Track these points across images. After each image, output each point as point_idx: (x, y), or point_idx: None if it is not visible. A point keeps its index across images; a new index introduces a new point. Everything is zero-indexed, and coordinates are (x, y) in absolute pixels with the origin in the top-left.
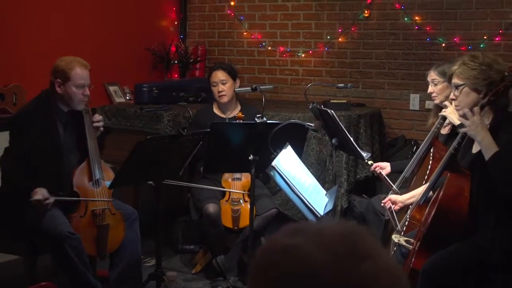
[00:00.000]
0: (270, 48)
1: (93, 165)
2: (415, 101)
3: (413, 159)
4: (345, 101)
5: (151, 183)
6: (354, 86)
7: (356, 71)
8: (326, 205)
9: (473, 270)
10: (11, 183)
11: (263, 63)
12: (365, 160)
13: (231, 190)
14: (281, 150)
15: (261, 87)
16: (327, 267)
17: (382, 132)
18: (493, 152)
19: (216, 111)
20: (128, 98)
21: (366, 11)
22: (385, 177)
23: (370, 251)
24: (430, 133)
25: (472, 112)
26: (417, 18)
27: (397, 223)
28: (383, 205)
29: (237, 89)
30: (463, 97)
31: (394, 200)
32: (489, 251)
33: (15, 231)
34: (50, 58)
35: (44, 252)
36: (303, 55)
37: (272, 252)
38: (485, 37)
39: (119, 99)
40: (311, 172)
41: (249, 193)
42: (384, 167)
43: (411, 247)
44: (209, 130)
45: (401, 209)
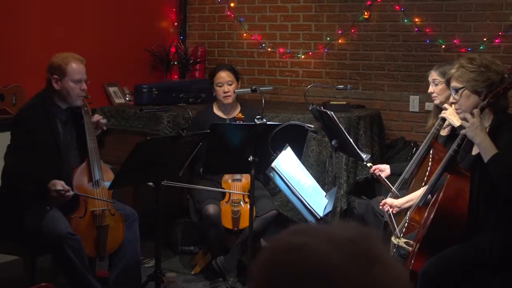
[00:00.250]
0: (270, 49)
1: (93, 165)
2: (414, 102)
3: (413, 160)
4: (345, 103)
5: (151, 184)
6: (353, 87)
7: (355, 73)
8: (325, 207)
9: (473, 271)
10: (16, 181)
11: (263, 64)
12: (365, 161)
13: (231, 191)
14: (280, 151)
15: (261, 88)
16: (339, 269)
17: (381, 133)
18: (492, 154)
19: (216, 111)
20: (127, 99)
21: (366, 13)
22: (384, 179)
23: (380, 256)
24: (429, 134)
25: (472, 114)
26: (417, 19)
27: (396, 226)
28: (381, 208)
29: (237, 90)
30: (464, 100)
31: (390, 204)
32: (488, 252)
33: (15, 232)
34: (50, 59)
35: (43, 253)
36: (303, 57)
37: (278, 250)
38: (485, 39)
39: (118, 100)
40: (311, 173)
41: (249, 194)
42: (383, 170)
43: (410, 248)
44: (209, 131)
45: (401, 211)
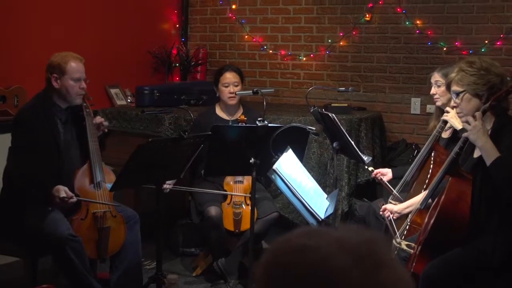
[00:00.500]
0: (271, 51)
1: (94, 167)
2: (416, 105)
3: (414, 163)
4: (346, 105)
5: (152, 186)
6: (355, 89)
7: (357, 75)
8: (327, 209)
9: (475, 274)
10: (16, 181)
11: (264, 67)
12: (366, 164)
13: (232, 193)
14: (282, 153)
15: (262, 90)
16: (340, 270)
17: (383, 136)
18: (494, 157)
19: (219, 113)
20: (129, 100)
21: (367, 15)
22: (386, 183)
23: (388, 260)
24: (431, 136)
25: (473, 117)
26: (418, 22)
27: (396, 231)
28: (381, 213)
29: (238, 92)
30: (465, 104)
31: (390, 210)
32: (490, 256)
33: (16, 233)
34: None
35: (45, 254)
36: (304, 59)
37: (280, 251)
38: (486, 42)
39: (120, 102)
40: (312, 175)
41: (250, 196)
42: (385, 174)
43: (412, 251)
44: (210, 133)
45: (401, 217)
